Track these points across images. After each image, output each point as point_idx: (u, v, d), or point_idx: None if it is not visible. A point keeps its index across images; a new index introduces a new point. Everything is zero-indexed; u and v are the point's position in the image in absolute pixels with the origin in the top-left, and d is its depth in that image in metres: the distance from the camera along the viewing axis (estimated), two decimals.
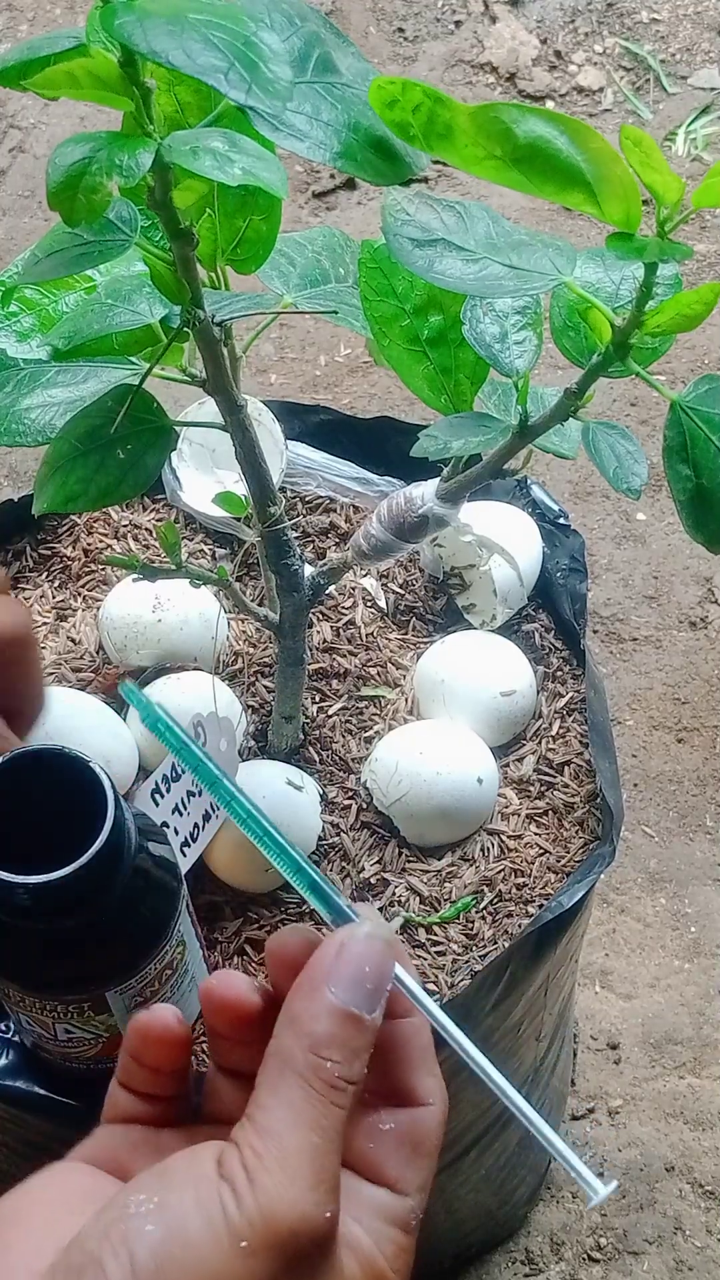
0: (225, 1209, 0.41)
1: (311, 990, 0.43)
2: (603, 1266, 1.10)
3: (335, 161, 0.54)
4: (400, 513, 0.71)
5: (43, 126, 1.81)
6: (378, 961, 0.44)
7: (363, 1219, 0.44)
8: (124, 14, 0.45)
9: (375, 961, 0.44)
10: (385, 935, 0.44)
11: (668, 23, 1.89)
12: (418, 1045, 0.46)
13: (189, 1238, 0.40)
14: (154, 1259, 0.40)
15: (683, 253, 0.52)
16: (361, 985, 0.43)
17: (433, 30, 1.90)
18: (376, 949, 0.44)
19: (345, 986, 0.43)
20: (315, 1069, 0.42)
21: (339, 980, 0.43)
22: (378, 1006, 0.44)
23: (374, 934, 0.44)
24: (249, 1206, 0.40)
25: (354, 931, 0.44)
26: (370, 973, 0.44)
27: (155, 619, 0.81)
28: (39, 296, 0.69)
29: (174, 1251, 0.40)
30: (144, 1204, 0.41)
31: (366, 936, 0.44)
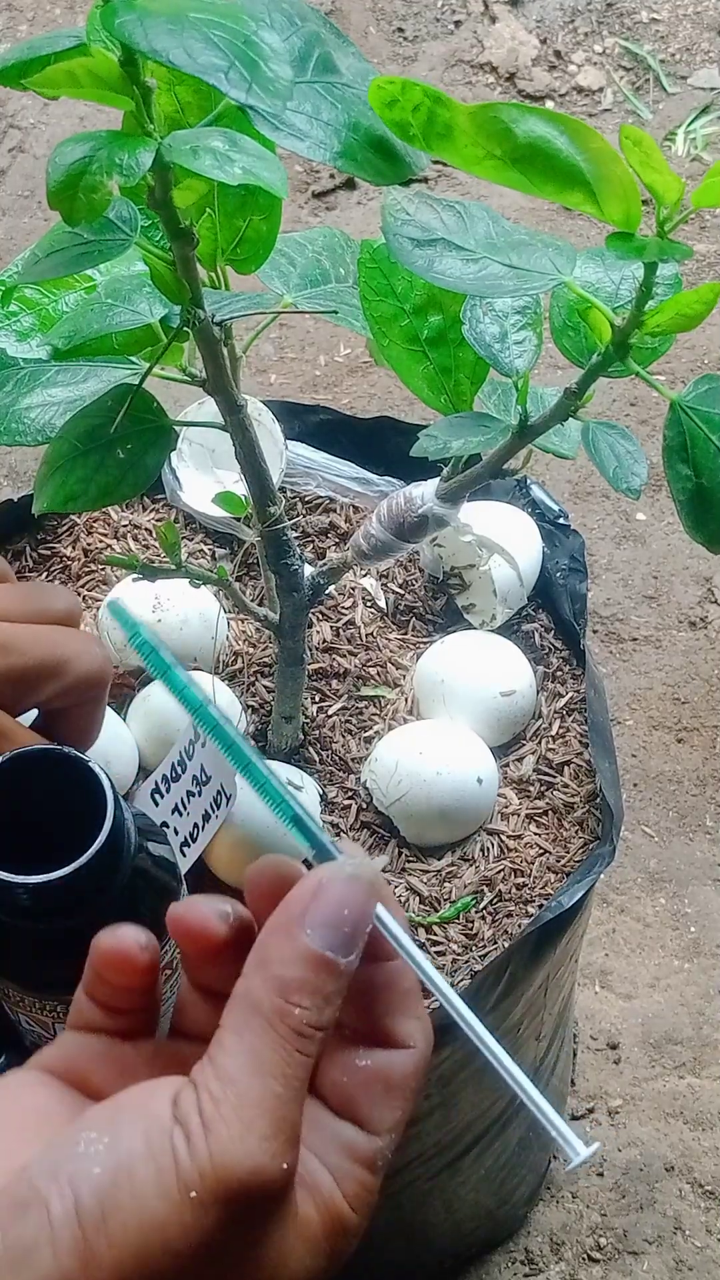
0: (176, 1155, 0.39)
1: (285, 931, 0.42)
2: (603, 1266, 1.10)
3: (335, 161, 0.54)
4: (400, 513, 0.71)
5: (43, 126, 1.81)
6: (358, 904, 0.42)
7: (327, 1154, 0.42)
8: (124, 13, 0.45)
9: (355, 904, 0.42)
10: (368, 876, 0.42)
11: (668, 23, 1.89)
12: (401, 988, 0.44)
13: (136, 1185, 0.39)
14: (99, 1204, 0.39)
15: (682, 253, 0.52)
16: (339, 929, 0.41)
17: (432, 30, 1.90)
18: (358, 891, 0.42)
19: (321, 929, 0.41)
20: (282, 1014, 0.41)
21: (315, 922, 0.41)
22: (354, 951, 0.42)
23: (356, 874, 0.42)
24: (201, 1155, 0.39)
25: (335, 871, 0.42)
26: (349, 915, 0.42)
27: (155, 619, 0.81)
28: (39, 296, 0.69)
29: (120, 1198, 0.39)
30: (94, 1143, 0.40)
31: (348, 877, 0.42)
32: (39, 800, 0.56)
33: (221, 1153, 0.39)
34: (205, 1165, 0.39)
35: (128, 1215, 0.39)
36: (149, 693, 0.80)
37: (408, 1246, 0.97)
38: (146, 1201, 0.39)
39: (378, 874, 0.43)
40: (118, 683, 0.83)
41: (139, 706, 0.80)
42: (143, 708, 0.80)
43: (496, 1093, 0.86)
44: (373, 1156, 0.43)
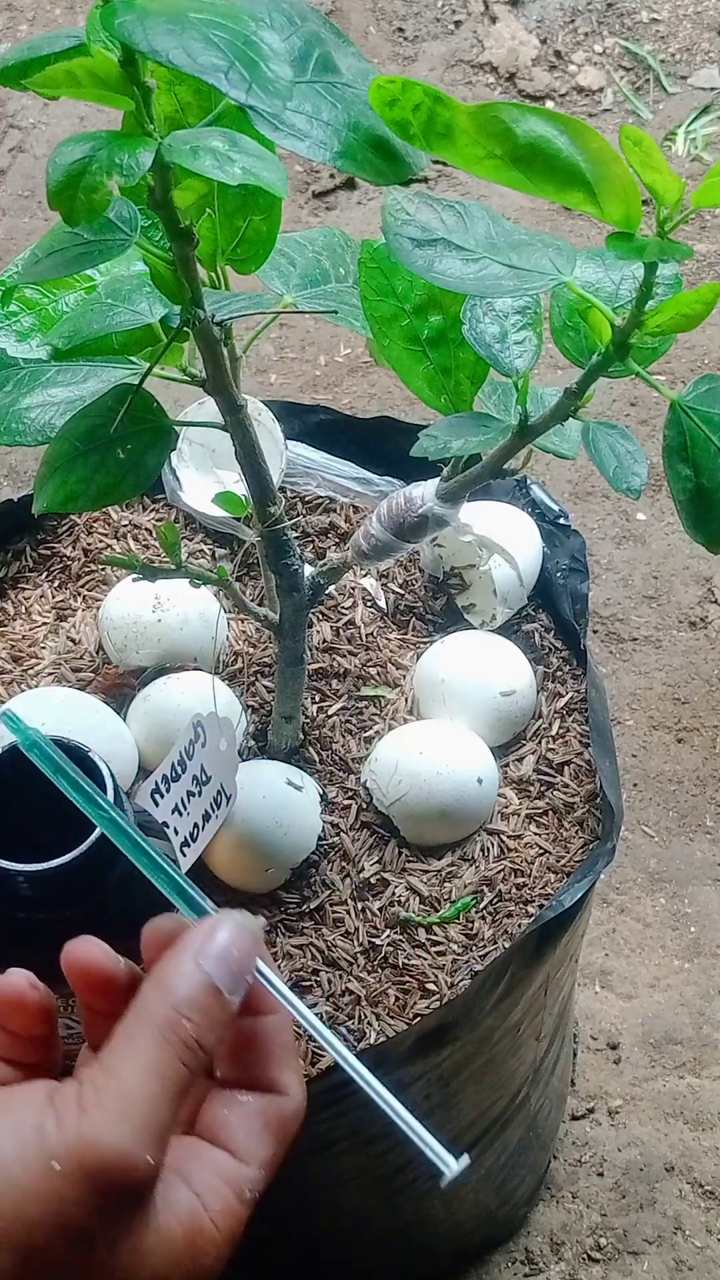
0: (44, 1130, 0.42)
1: (180, 959, 0.46)
2: (603, 1266, 1.10)
3: (335, 161, 0.54)
4: (400, 513, 0.71)
5: (43, 126, 1.81)
6: (244, 947, 0.46)
7: (195, 1175, 0.45)
8: (124, 13, 0.45)
9: (242, 946, 0.46)
10: (252, 928, 0.47)
11: (668, 23, 1.89)
12: (279, 1041, 0.48)
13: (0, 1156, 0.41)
14: None
15: (682, 252, 0.52)
16: (227, 965, 0.46)
17: (433, 30, 1.90)
18: (244, 936, 0.47)
19: (212, 961, 0.46)
20: (173, 1023, 0.44)
21: (206, 955, 0.46)
22: (238, 990, 0.46)
23: (243, 924, 0.47)
24: (70, 1131, 0.42)
25: (226, 917, 0.47)
26: (237, 955, 0.46)
27: (155, 619, 0.81)
28: (39, 296, 0.69)
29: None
30: None
31: (237, 924, 0.47)
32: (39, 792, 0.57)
33: (93, 1131, 0.42)
34: (73, 1139, 0.42)
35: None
36: (149, 693, 0.80)
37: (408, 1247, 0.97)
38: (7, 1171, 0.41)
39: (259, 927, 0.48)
40: (118, 682, 0.83)
41: (139, 706, 0.80)
42: (143, 708, 0.80)
43: (496, 1093, 0.86)
44: (240, 1182, 0.46)
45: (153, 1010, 0.45)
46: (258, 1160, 0.46)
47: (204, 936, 0.46)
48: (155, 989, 0.45)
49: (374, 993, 0.73)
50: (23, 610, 0.87)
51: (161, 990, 0.45)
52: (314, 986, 0.74)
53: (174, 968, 0.46)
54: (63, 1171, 0.41)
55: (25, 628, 0.86)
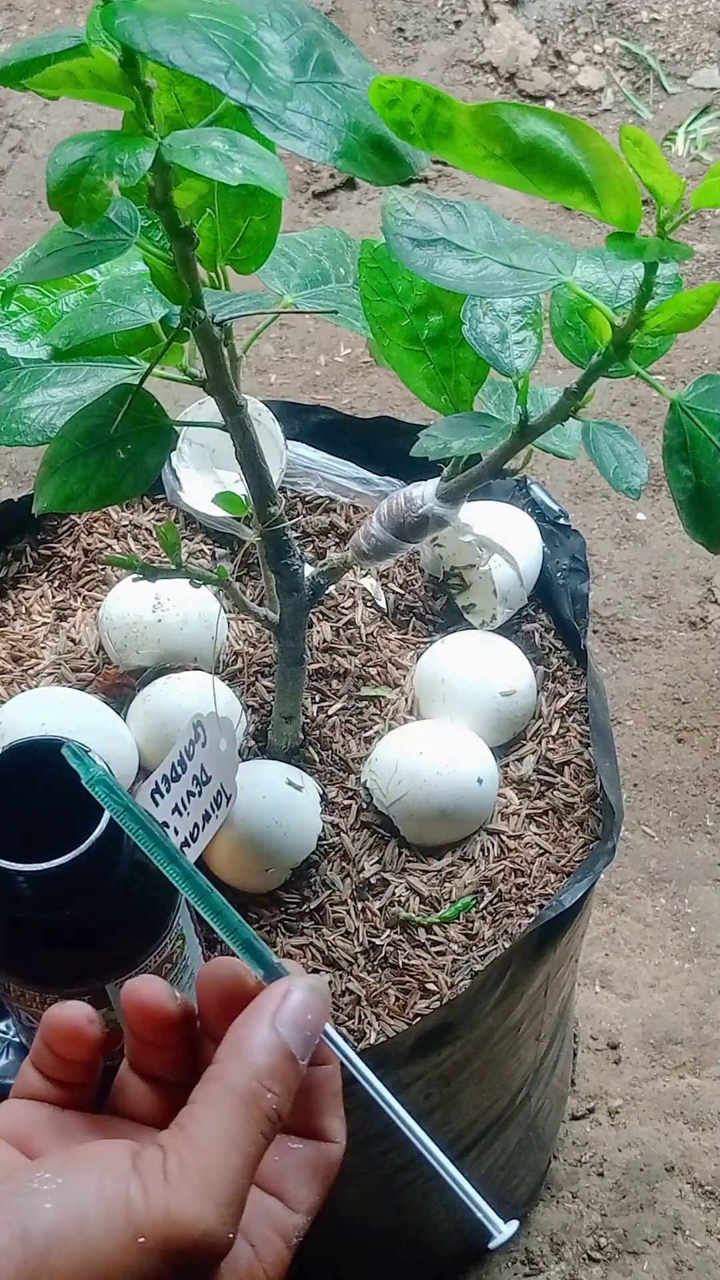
0: (130, 1201, 0.42)
1: (258, 1025, 0.46)
2: (603, 1266, 1.10)
3: (335, 161, 0.54)
4: (400, 513, 0.71)
5: (43, 126, 1.81)
6: (317, 1012, 0.47)
7: (252, 1227, 0.46)
8: (124, 13, 0.45)
9: (315, 1011, 0.47)
10: (323, 991, 0.48)
11: (668, 23, 1.89)
12: (330, 1090, 0.49)
13: (85, 1221, 0.41)
14: (45, 1236, 0.41)
15: (683, 252, 0.52)
16: (301, 1030, 0.46)
17: (433, 30, 1.90)
18: (317, 1001, 0.47)
19: (288, 1028, 0.46)
20: (256, 1097, 0.44)
21: (284, 1021, 0.46)
22: (309, 1054, 0.46)
23: (315, 987, 0.47)
24: (157, 1206, 0.42)
25: (299, 982, 0.47)
26: (311, 1020, 0.46)
27: (155, 619, 0.81)
28: (39, 296, 0.69)
29: (67, 1232, 0.41)
30: (47, 1181, 0.42)
31: (310, 988, 0.47)
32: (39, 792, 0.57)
33: (181, 1209, 0.42)
34: (160, 1216, 0.42)
35: (73, 1250, 0.41)
36: (149, 693, 0.80)
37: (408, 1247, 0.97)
38: (93, 1240, 0.41)
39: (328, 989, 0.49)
40: (118, 682, 0.83)
41: (139, 706, 0.80)
42: (143, 708, 0.80)
43: (496, 1093, 0.86)
44: (290, 1231, 0.47)
45: (235, 1080, 0.45)
46: (305, 1207, 0.47)
47: (279, 1001, 0.47)
48: (236, 1057, 0.45)
49: (374, 993, 0.73)
50: (23, 610, 0.87)
51: (242, 1059, 0.45)
52: None
53: (252, 1034, 0.46)
54: (147, 1246, 0.41)
55: (25, 628, 0.86)
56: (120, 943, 0.61)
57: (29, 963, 0.61)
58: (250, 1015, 0.47)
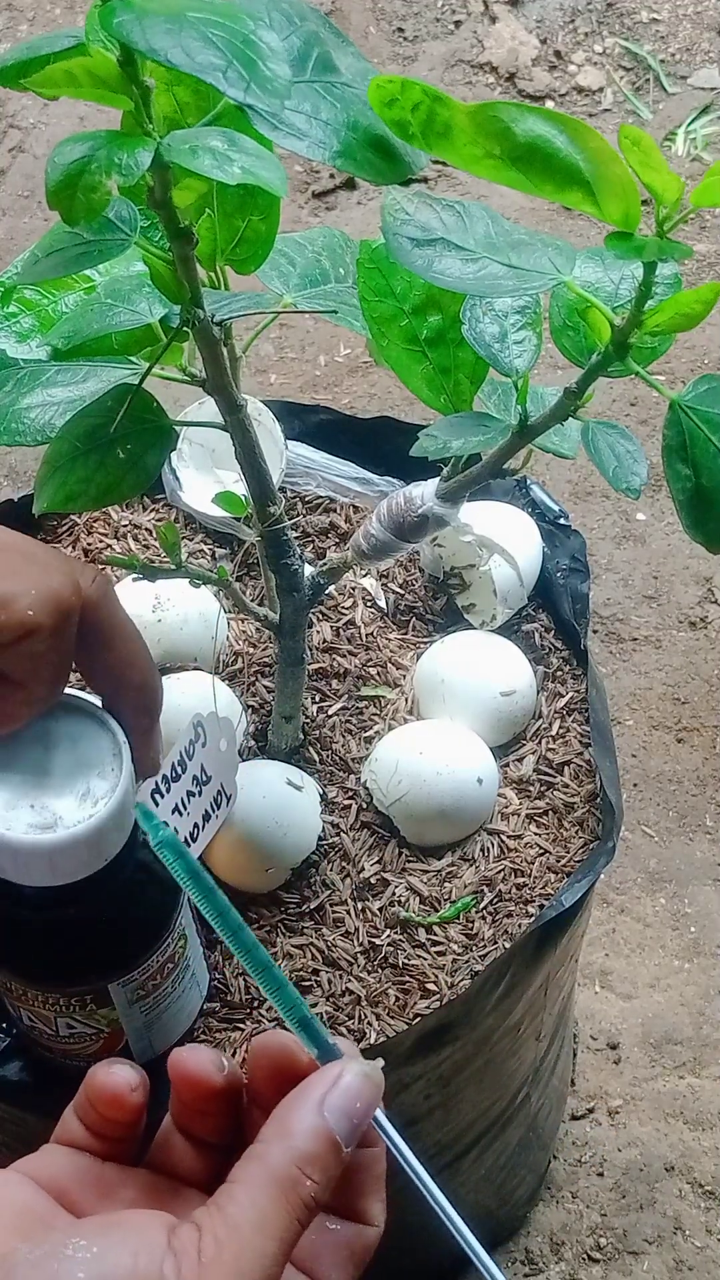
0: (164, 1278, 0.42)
1: (306, 1108, 0.45)
2: (603, 1266, 1.10)
3: (334, 160, 0.54)
4: (400, 513, 0.71)
5: (42, 126, 1.81)
6: (367, 1099, 0.46)
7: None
8: (123, 12, 0.45)
9: (365, 1099, 0.46)
10: (377, 1079, 0.47)
11: (668, 23, 1.89)
12: (374, 1173, 0.48)
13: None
14: None
15: (682, 252, 0.52)
16: (349, 1118, 0.45)
17: (433, 30, 1.90)
18: (369, 1089, 0.46)
19: (336, 1114, 0.45)
20: (296, 1183, 0.44)
21: (332, 1107, 0.45)
22: (355, 1141, 0.46)
23: (369, 1075, 0.46)
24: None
25: (352, 1067, 0.46)
26: (359, 1108, 0.46)
27: (155, 619, 0.81)
28: (39, 296, 0.69)
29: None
30: (83, 1249, 0.42)
31: (363, 1075, 0.46)
32: None
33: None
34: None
35: None
36: None
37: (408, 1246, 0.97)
38: None
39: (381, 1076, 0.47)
40: None
41: None
42: None
43: (496, 1093, 0.86)
44: None
45: (276, 1164, 0.44)
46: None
47: (328, 1085, 0.46)
48: (279, 1140, 0.45)
49: (374, 993, 0.73)
50: None
51: (285, 1142, 0.45)
52: (314, 987, 0.74)
53: (298, 1117, 0.45)
54: None
55: None
56: (123, 943, 0.61)
57: (31, 962, 0.61)
58: (298, 1097, 0.46)
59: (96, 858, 0.56)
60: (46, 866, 0.55)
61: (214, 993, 0.73)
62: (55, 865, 0.55)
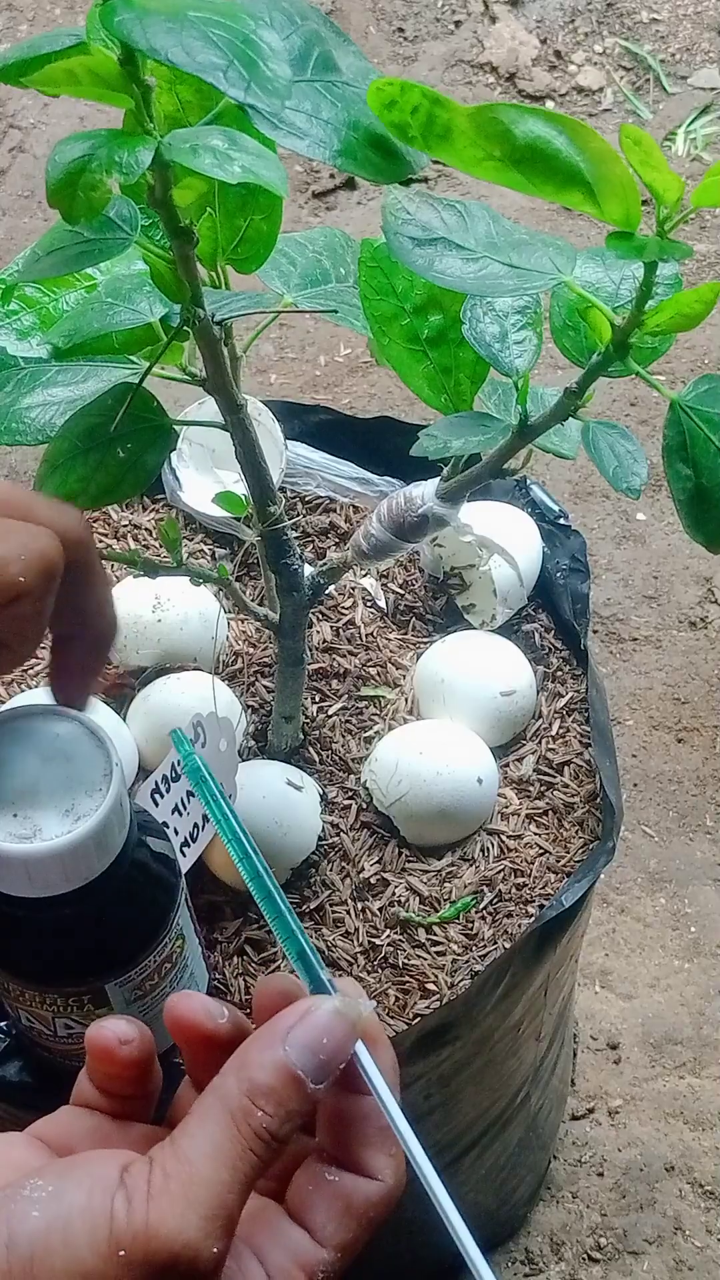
0: (114, 1214, 0.41)
1: (266, 1042, 0.45)
2: (603, 1266, 1.10)
3: (335, 160, 0.54)
4: (400, 513, 0.71)
5: (43, 126, 1.81)
6: (338, 1037, 0.45)
7: (269, 1252, 0.45)
8: (124, 11, 0.45)
9: (335, 1036, 0.45)
10: (352, 1015, 0.45)
11: (668, 23, 1.89)
12: (377, 1123, 0.47)
13: (70, 1233, 0.41)
14: (30, 1244, 0.41)
15: (682, 252, 0.52)
16: (315, 1053, 0.44)
17: (433, 30, 1.90)
18: (340, 1025, 0.45)
19: (298, 1048, 0.44)
20: (246, 1113, 0.43)
21: (295, 1041, 0.44)
22: (324, 1079, 0.44)
23: (342, 1010, 0.45)
24: (138, 1218, 0.41)
25: (324, 1002, 0.45)
26: (327, 1044, 0.44)
27: (155, 619, 0.81)
28: (39, 295, 0.69)
29: (51, 1242, 0.41)
30: (39, 1189, 0.42)
31: (334, 1011, 0.45)
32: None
33: (160, 1221, 0.41)
34: (140, 1228, 0.41)
35: (55, 1260, 0.41)
36: (149, 693, 0.80)
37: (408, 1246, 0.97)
38: (76, 1251, 0.41)
39: (362, 1015, 0.46)
40: (117, 683, 0.83)
41: (139, 706, 0.80)
42: (143, 708, 0.80)
43: (496, 1093, 0.86)
44: (314, 1265, 0.45)
45: (228, 1094, 0.44)
46: (334, 1243, 0.45)
47: (296, 1019, 0.45)
48: (235, 1072, 0.44)
49: (374, 993, 0.73)
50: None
51: (241, 1073, 0.44)
52: None
53: (258, 1050, 0.44)
54: (128, 1259, 0.41)
55: None
56: (120, 943, 0.61)
57: (27, 962, 0.61)
58: (264, 1030, 0.45)
59: (76, 873, 0.56)
60: (24, 876, 0.55)
61: (214, 992, 0.73)
62: (32, 876, 0.55)
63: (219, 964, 0.74)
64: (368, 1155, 0.46)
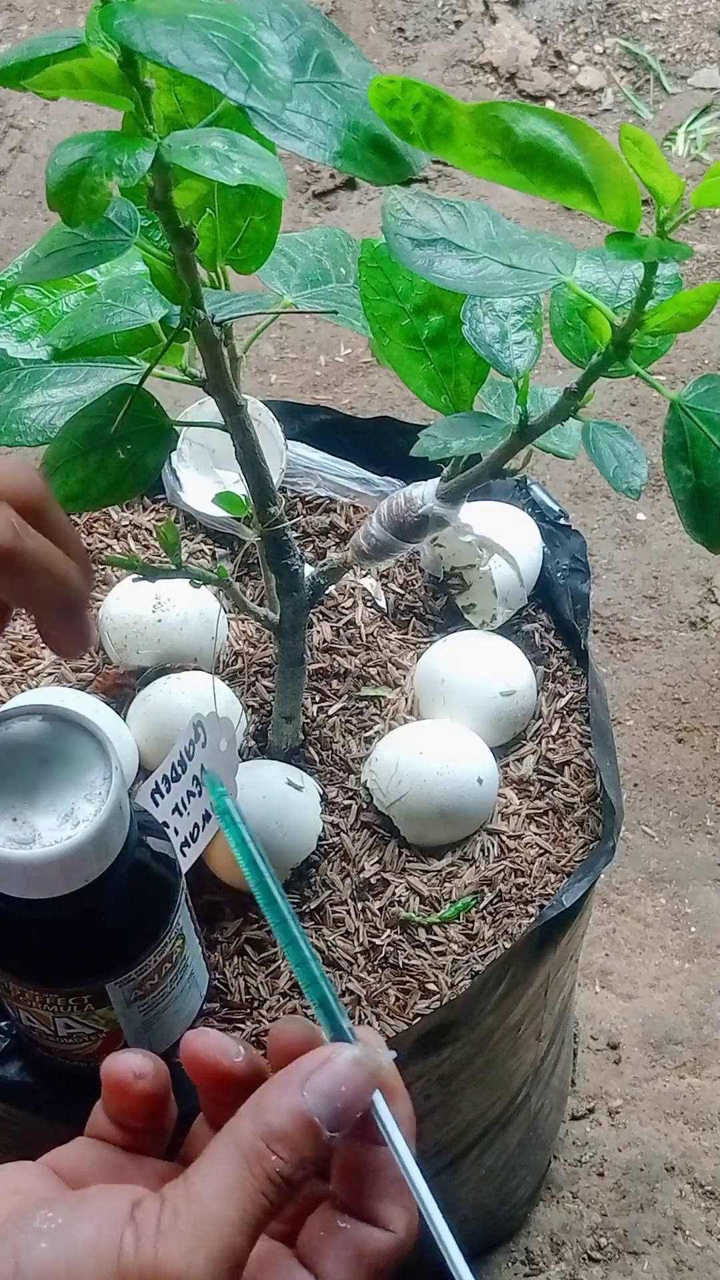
0: (123, 1249, 0.42)
1: (284, 1087, 0.45)
2: (603, 1266, 1.10)
3: (335, 161, 0.54)
4: (400, 513, 0.71)
5: (43, 127, 1.81)
6: (356, 1086, 0.45)
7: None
8: (123, 14, 0.45)
9: (353, 1085, 0.45)
10: (371, 1066, 0.45)
11: (668, 23, 1.89)
12: (391, 1174, 0.47)
13: (76, 1265, 0.41)
14: (37, 1276, 0.41)
15: (682, 252, 0.52)
16: (332, 1101, 0.44)
17: (433, 30, 1.90)
18: (359, 1075, 0.45)
19: (316, 1095, 0.44)
20: (260, 1156, 0.43)
21: (313, 1088, 0.44)
22: (340, 1127, 0.44)
23: (362, 1060, 0.45)
24: (146, 1254, 0.41)
25: (345, 1050, 0.45)
26: (344, 1093, 0.44)
27: (155, 619, 0.81)
28: (39, 296, 0.69)
29: (58, 1274, 0.41)
30: (49, 1221, 0.42)
31: (354, 1060, 0.45)
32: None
33: (168, 1260, 0.41)
34: (148, 1264, 0.41)
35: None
36: (149, 693, 0.80)
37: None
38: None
39: (382, 1066, 0.46)
40: (118, 683, 0.83)
41: (139, 707, 0.80)
42: (142, 708, 0.80)
43: (497, 1093, 0.86)
44: None
45: (242, 1136, 0.44)
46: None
47: (316, 1066, 0.45)
48: (250, 1114, 0.44)
49: (374, 993, 0.73)
50: (22, 610, 0.87)
51: (257, 1116, 0.44)
52: None
53: (276, 1094, 0.44)
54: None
55: (26, 627, 0.86)
56: (120, 942, 0.61)
57: (28, 962, 0.61)
58: (282, 1075, 0.45)
59: (75, 876, 0.56)
60: (23, 879, 0.55)
61: (214, 993, 0.73)
62: (31, 879, 0.55)
63: (219, 964, 0.74)
64: (381, 1206, 0.46)
